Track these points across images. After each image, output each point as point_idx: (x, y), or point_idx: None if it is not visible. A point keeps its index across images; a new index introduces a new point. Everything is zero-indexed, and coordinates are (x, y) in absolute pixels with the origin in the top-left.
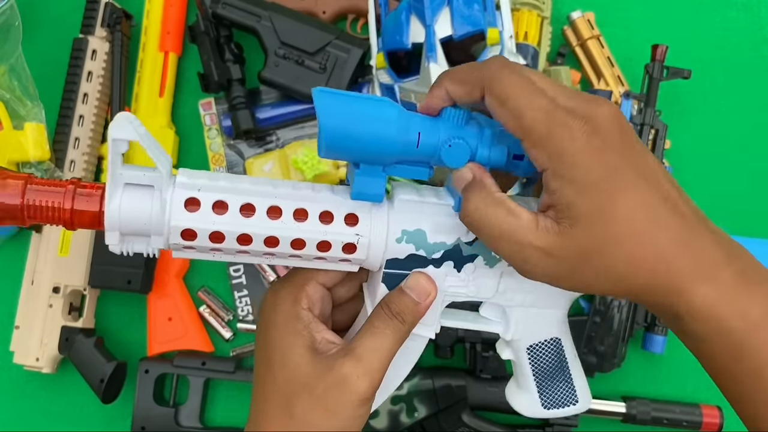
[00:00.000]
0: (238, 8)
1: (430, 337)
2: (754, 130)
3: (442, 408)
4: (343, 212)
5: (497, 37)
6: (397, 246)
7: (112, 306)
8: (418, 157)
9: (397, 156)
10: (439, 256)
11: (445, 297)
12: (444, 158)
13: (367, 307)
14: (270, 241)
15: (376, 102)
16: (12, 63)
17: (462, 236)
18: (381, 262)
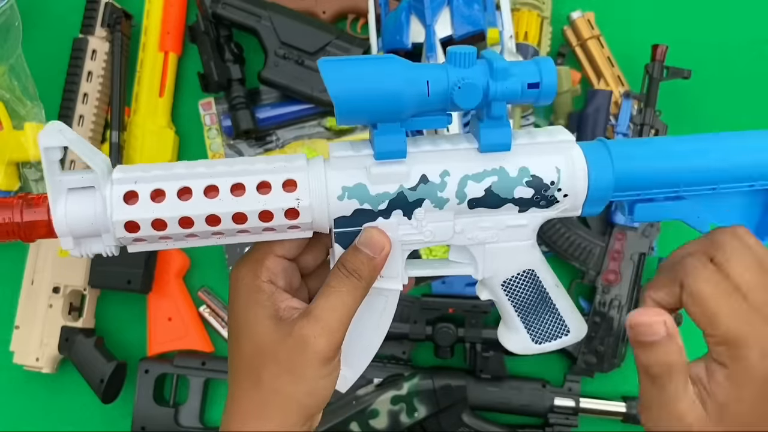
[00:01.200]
0: (238, 8)
1: (398, 289)
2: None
3: (442, 408)
4: (280, 180)
5: (497, 37)
6: (341, 203)
7: (112, 306)
8: (433, 106)
9: (411, 109)
10: (385, 206)
11: (403, 246)
12: (457, 101)
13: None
14: (212, 219)
15: (379, 60)
16: (12, 63)
17: (404, 182)
18: (329, 222)
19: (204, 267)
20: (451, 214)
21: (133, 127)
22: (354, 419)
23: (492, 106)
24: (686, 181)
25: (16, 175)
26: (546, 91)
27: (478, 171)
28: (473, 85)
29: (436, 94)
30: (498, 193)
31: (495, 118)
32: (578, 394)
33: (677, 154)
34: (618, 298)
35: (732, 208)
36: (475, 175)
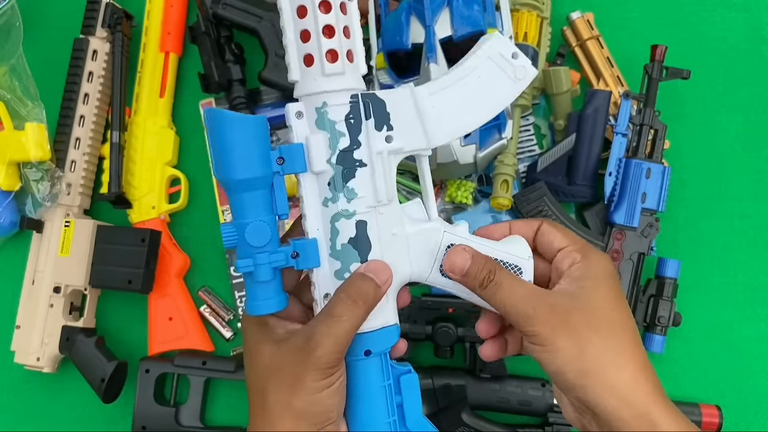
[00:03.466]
0: (238, 9)
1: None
2: (753, 130)
3: (442, 407)
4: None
5: None
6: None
7: (112, 306)
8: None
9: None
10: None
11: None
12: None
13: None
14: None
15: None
16: (13, 63)
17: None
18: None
19: (204, 267)
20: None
21: (134, 127)
22: None
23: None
24: None
25: (17, 175)
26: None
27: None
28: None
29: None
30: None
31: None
32: None
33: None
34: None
35: None
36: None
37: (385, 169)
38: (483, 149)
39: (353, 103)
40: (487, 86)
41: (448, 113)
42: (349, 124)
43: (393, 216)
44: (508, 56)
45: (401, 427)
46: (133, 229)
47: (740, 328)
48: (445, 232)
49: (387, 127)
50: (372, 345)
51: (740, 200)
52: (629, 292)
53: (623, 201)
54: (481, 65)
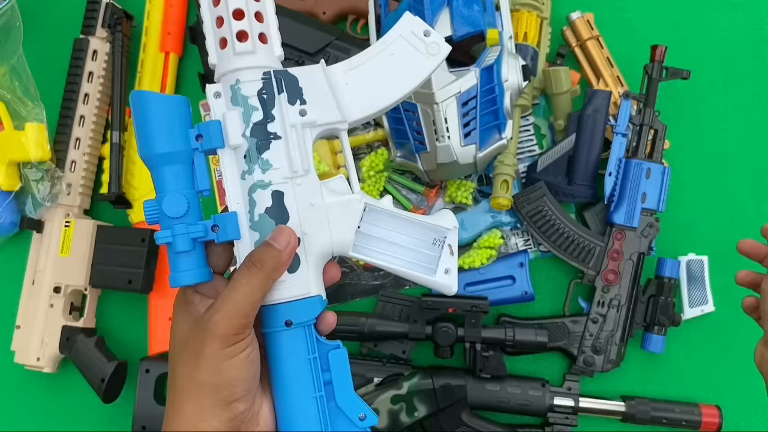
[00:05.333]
0: None
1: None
2: (752, 130)
3: (442, 407)
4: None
5: (497, 37)
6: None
7: (113, 306)
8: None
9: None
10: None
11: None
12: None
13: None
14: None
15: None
16: (13, 63)
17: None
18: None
19: None
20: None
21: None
22: None
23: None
24: None
25: (17, 175)
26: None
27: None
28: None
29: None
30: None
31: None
32: (578, 394)
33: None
34: (617, 298)
35: None
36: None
37: (299, 140)
38: (483, 149)
39: (265, 79)
40: (401, 63)
41: (363, 89)
42: (261, 99)
43: (311, 187)
44: (419, 34)
45: (329, 404)
46: (133, 229)
47: (740, 328)
48: (367, 203)
49: (300, 101)
50: (293, 315)
51: (740, 200)
52: (629, 292)
53: (623, 201)
54: (394, 43)
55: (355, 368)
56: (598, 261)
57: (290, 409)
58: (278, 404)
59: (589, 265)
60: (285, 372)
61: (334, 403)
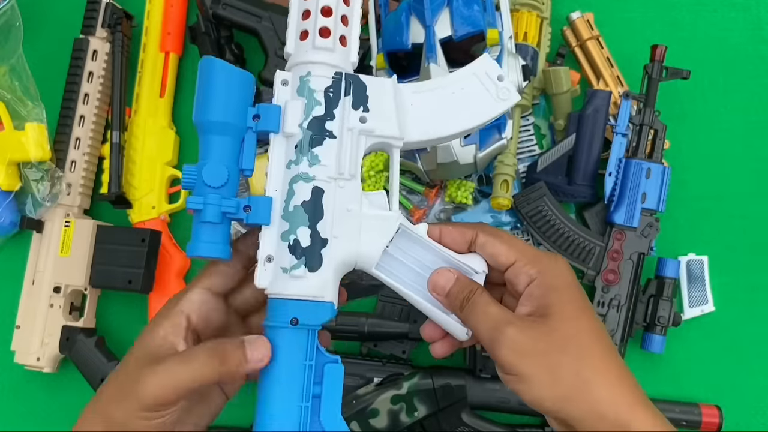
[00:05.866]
0: (238, 9)
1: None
2: (753, 130)
3: (442, 407)
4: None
5: (497, 37)
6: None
7: (113, 306)
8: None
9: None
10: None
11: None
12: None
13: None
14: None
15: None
16: (13, 63)
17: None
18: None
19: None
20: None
21: (134, 127)
22: (354, 419)
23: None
24: None
25: (17, 175)
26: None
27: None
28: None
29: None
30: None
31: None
32: None
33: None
34: (617, 298)
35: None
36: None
37: (353, 144)
38: (483, 149)
39: (336, 79)
40: (469, 100)
41: (426, 114)
42: (327, 96)
43: (352, 193)
44: (493, 77)
45: (313, 418)
46: (133, 229)
47: (740, 328)
48: (402, 224)
49: (363, 108)
50: (301, 314)
51: (740, 200)
52: (629, 292)
53: (623, 201)
54: (466, 79)
55: (355, 368)
56: (598, 261)
57: (271, 411)
58: (260, 402)
59: (589, 265)
60: (276, 371)
61: (318, 418)
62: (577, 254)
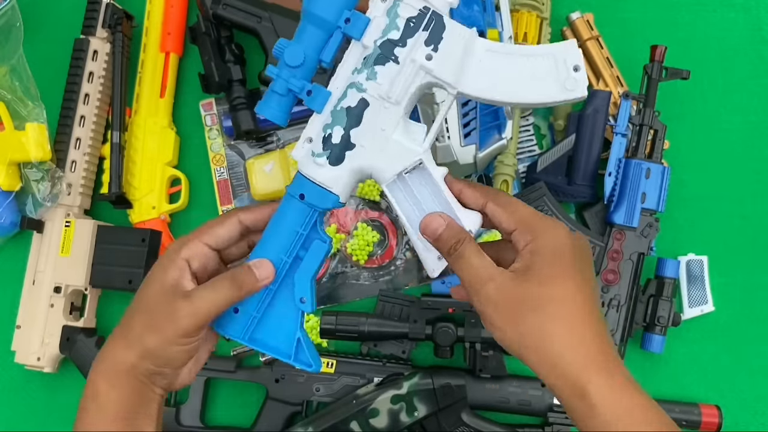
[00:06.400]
0: (238, 9)
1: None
2: (752, 131)
3: (441, 407)
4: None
5: (497, 37)
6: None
7: (113, 305)
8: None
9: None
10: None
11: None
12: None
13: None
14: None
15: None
16: (13, 63)
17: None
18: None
19: None
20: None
21: (135, 127)
22: (354, 419)
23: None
24: None
25: (17, 175)
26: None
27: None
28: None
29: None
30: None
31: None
32: None
33: None
34: (617, 298)
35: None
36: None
37: (409, 75)
38: (483, 149)
39: (421, 12)
40: (537, 76)
41: (489, 74)
42: (407, 25)
43: (391, 117)
44: (570, 65)
45: (288, 272)
46: (134, 229)
47: (740, 328)
48: (423, 162)
49: (434, 48)
50: (309, 193)
51: (740, 200)
52: (629, 292)
53: (623, 201)
54: (544, 56)
55: (355, 368)
56: (597, 261)
57: (262, 249)
58: (257, 246)
59: None
60: (275, 228)
61: (292, 275)
62: None
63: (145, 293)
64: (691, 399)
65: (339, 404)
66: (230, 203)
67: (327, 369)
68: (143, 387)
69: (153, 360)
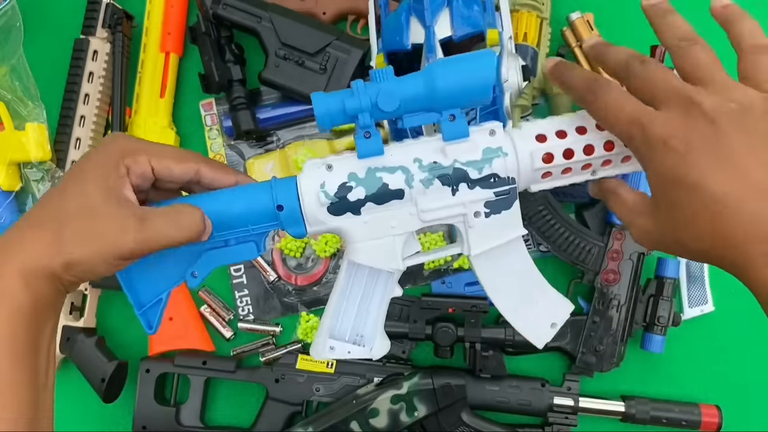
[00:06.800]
0: (238, 9)
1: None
2: None
3: (441, 407)
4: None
5: (497, 38)
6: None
7: (113, 306)
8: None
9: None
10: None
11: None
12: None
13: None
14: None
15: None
16: (13, 63)
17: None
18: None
19: None
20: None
21: (135, 127)
22: (354, 418)
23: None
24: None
25: (17, 176)
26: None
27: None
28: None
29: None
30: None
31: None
32: (577, 394)
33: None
34: (617, 298)
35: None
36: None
37: (451, 212)
38: None
39: (506, 180)
40: (528, 311)
41: (496, 274)
42: (489, 177)
43: (407, 224)
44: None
45: (208, 245)
46: None
47: (740, 328)
48: (392, 275)
49: (486, 214)
50: (288, 209)
51: None
52: (629, 292)
53: None
54: (541, 303)
55: (355, 368)
56: (597, 261)
57: (205, 205)
58: (206, 196)
59: (588, 266)
60: (230, 203)
61: (207, 251)
62: (577, 254)
63: (79, 190)
64: (691, 399)
65: (339, 404)
66: None
67: (327, 369)
68: (58, 293)
69: (77, 272)
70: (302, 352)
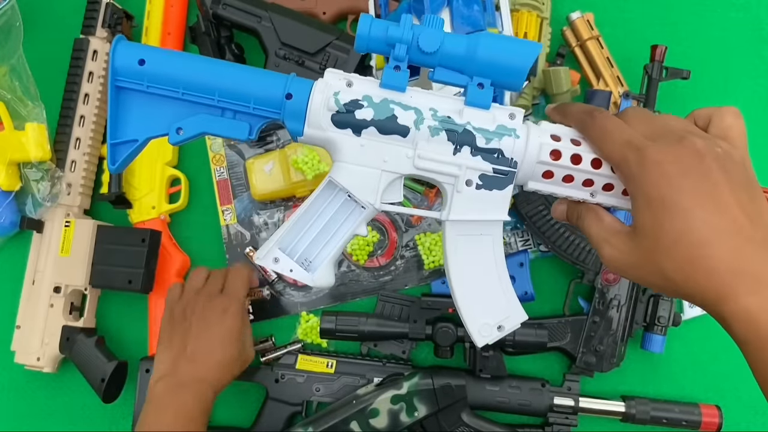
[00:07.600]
0: (238, 9)
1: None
2: (752, 131)
3: (441, 407)
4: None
5: None
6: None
7: (113, 306)
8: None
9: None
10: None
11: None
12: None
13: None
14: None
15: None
16: (13, 63)
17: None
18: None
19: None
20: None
21: None
22: (354, 419)
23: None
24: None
25: (17, 175)
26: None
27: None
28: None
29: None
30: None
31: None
32: (578, 394)
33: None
34: (617, 298)
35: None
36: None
37: (444, 167)
38: None
39: (508, 160)
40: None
41: (461, 255)
42: (492, 151)
43: (400, 164)
44: (499, 324)
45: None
46: (133, 229)
47: None
48: (362, 213)
49: (477, 185)
50: (296, 97)
51: None
52: (629, 292)
53: None
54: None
55: (355, 368)
56: (597, 261)
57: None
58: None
59: (588, 266)
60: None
61: (203, 112)
62: (577, 254)
63: (234, 348)
64: (691, 399)
65: (339, 404)
66: (230, 203)
67: (327, 369)
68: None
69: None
70: (302, 352)
